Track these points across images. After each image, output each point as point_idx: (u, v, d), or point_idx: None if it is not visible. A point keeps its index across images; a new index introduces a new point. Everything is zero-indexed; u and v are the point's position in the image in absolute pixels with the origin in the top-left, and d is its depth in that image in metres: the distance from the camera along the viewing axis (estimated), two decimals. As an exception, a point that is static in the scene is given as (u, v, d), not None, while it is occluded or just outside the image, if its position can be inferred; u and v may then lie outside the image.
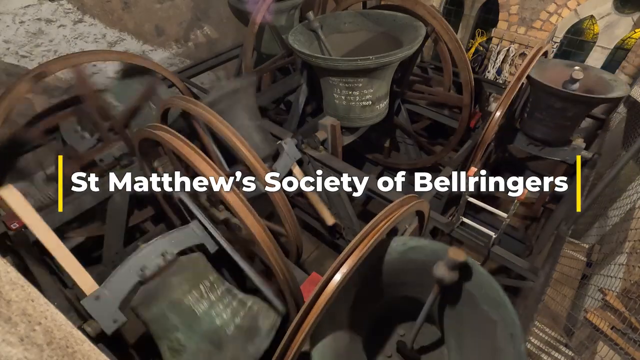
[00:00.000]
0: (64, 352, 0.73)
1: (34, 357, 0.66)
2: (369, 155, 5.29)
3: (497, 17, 5.53)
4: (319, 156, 3.18)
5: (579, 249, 3.84)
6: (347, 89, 3.31)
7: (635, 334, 2.76)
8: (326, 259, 4.58)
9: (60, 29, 3.55)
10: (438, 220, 2.96)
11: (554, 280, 3.11)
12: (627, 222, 3.41)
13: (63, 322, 0.77)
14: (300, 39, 3.46)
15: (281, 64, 4.61)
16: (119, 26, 3.99)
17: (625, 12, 4.80)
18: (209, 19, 4.92)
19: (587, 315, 3.05)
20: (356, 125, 3.65)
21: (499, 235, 2.78)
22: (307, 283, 2.37)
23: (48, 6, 3.40)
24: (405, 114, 4.74)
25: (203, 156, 2.00)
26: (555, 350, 3.02)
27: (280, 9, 4.44)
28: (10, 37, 3.26)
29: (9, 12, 3.20)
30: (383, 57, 2.95)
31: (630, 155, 2.58)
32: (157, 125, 2.26)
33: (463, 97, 3.99)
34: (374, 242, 1.56)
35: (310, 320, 1.45)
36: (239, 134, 2.33)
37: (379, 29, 3.62)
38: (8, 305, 0.70)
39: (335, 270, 1.51)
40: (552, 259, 2.69)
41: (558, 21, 5.08)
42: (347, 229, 3.54)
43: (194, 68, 4.52)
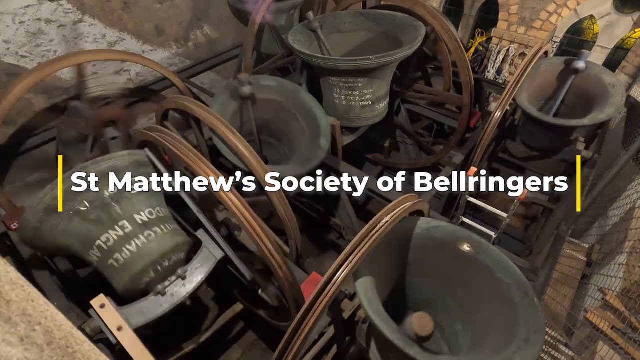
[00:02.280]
0: (64, 352, 0.73)
1: (34, 357, 0.66)
2: (369, 155, 5.29)
3: (497, 17, 5.53)
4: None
5: (579, 249, 3.84)
6: (347, 89, 3.31)
7: (635, 333, 2.76)
8: (326, 259, 4.58)
9: (60, 29, 3.55)
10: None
11: (554, 280, 3.11)
12: (627, 222, 3.41)
13: (63, 322, 0.77)
14: (300, 39, 3.46)
15: (281, 64, 4.61)
16: (119, 26, 3.99)
17: (625, 12, 4.80)
18: (209, 19, 4.91)
19: (587, 315, 3.05)
20: (356, 125, 3.65)
21: (499, 235, 2.78)
22: (307, 283, 2.37)
23: (48, 6, 3.40)
24: (405, 114, 4.74)
25: (200, 156, 2.01)
26: (555, 350, 3.02)
27: (280, 9, 4.44)
28: (10, 37, 3.26)
29: (9, 12, 3.20)
30: (383, 57, 2.95)
31: (630, 155, 2.59)
32: (155, 127, 2.27)
33: (463, 97, 3.99)
34: (374, 242, 1.56)
35: (311, 320, 1.45)
36: (238, 134, 2.33)
37: (379, 29, 3.62)
38: (8, 305, 0.70)
39: (335, 271, 1.51)
40: (552, 259, 2.70)
41: (558, 21, 5.08)
42: (347, 229, 3.54)
43: (194, 68, 4.52)
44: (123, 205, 2.10)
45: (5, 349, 0.62)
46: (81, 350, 0.77)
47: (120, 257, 2.06)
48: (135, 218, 2.12)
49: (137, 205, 2.15)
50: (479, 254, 1.87)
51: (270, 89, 3.14)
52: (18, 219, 2.53)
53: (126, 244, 2.07)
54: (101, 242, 2.04)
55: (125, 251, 2.06)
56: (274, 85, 3.15)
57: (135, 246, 2.08)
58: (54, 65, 2.75)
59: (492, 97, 5.59)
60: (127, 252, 2.06)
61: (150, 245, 2.11)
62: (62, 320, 0.77)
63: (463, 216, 3.05)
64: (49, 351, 0.70)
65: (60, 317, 0.78)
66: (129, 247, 2.07)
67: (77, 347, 0.76)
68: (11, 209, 2.87)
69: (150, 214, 2.19)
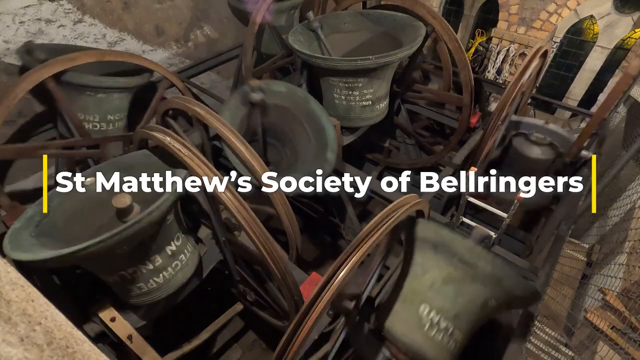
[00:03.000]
0: (64, 352, 0.73)
1: (34, 357, 0.66)
2: (369, 155, 5.28)
3: (497, 17, 5.53)
4: (319, 156, 3.17)
5: (579, 249, 3.84)
6: (347, 89, 3.31)
7: (635, 333, 2.76)
8: (326, 259, 4.58)
9: (60, 29, 3.55)
10: (438, 220, 2.97)
11: (554, 280, 3.11)
12: (627, 222, 3.41)
13: (63, 322, 0.77)
14: (300, 39, 3.46)
15: (281, 64, 4.61)
16: (119, 26, 3.98)
17: (625, 12, 4.80)
18: (209, 19, 4.91)
19: (587, 315, 3.04)
20: (356, 125, 3.65)
21: (499, 235, 2.78)
22: (307, 283, 2.37)
23: (48, 6, 3.40)
24: (405, 114, 4.74)
25: (200, 156, 2.00)
26: (555, 350, 3.02)
27: (280, 9, 4.44)
28: (10, 37, 3.26)
29: (9, 12, 3.20)
30: (383, 57, 2.95)
31: (630, 155, 2.58)
32: (154, 127, 2.26)
33: (463, 97, 3.99)
34: (374, 242, 1.56)
35: (311, 320, 1.45)
36: (238, 133, 2.33)
37: (379, 29, 3.62)
38: (8, 305, 0.70)
39: (335, 270, 1.51)
40: (552, 259, 2.69)
41: (558, 21, 5.08)
42: (347, 229, 3.54)
43: (194, 68, 4.51)
44: (158, 240, 1.96)
45: (5, 349, 0.62)
46: (81, 350, 0.77)
47: (145, 287, 1.99)
48: (166, 250, 2.02)
49: (169, 234, 2.03)
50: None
51: (280, 94, 3.14)
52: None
53: (154, 276, 1.99)
54: (126, 272, 1.92)
55: (152, 282, 2.00)
56: (284, 91, 3.16)
57: (162, 278, 2.02)
58: (54, 66, 2.75)
59: (492, 97, 5.59)
60: (153, 283, 2.00)
61: (176, 276, 2.08)
62: (62, 320, 0.77)
63: (463, 216, 3.05)
64: (49, 351, 0.70)
65: (60, 317, 0.77)
66: (156, 280, 2.00)
67: (77, 347, 0.76)
68: (11, 209, 2.87)
69: (177, 239, 2.09)
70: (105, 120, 3.23)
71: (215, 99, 4.14)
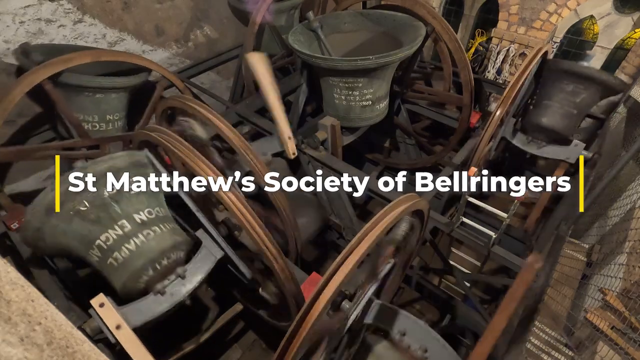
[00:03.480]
0: (64, 352, 0.73)
1: (34, 357, 0.66)
2: (369, 155, 5.29)
3: (497, 17, 5.53)
4: (319, 156, 3.18)
5: (579, 249, 3.84)
6: (347, 89, 3.31)
7: (636, 334, 2.75)
8: (326, 259, 4.58)
9: (60, 29, 3.55)
10: (438, 220, 2.97)
11: (554, 280, 3.10)
12: (627, 222, 3.40)
13: (63, 322, 0.77)
14: (300, 39, 3.46)
15: (281, 64, 4.61)
16: (119, 26, 3.99)
17: (625, 12, 4.80)
18: (209, 19, 4.92)
19: (587, 315, 3.04)
20: (356, 125, 3.65)
21: (499, 235, 2.78)
22: (307, 283, 2.37)
23: (48, 6, 3.40)
24: (405, 114, 4.74)
25: (200, 156, 2.01)
26: (555, 350, 3.01)
27: (280, 9, 4.44)
28: (10, 37, 3.26)
29: (9, 12, 3.20)
30: (383, 57, 2.95)
31: (630, 155, 2.58)
32: (155, 127, 2.27)
33: (463, 97, 3.99)
34: (373, 241, 1.56)
35: (311, 320, 1.45)
36: (238, 133, 2.33)
37: (379, 29, 3.62)
38: (8, 305, 0.70)
39: (335, 270, 1.51)
40: (552, 259, 2.70)
41: (558, 21, 5.07)
42: (347, 229, 3.54)
43: (194, 68, 4.51)
44: (122, 205, 2.12)
45: (5, 349, 0.62)
46: (81, 350, 0.77)
47: (120, 256, 2.07)
48: (134, 217, 2.13)
49: (136, 205, 2.17)
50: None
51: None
52: (18, 219, 2.53)
53: (125, 242, 2.08)
54: (101, 241, 2.06)
55: (125, 250, 2.07)
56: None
57: (134, 245, 2.09)
58: (50, 68, 2.74)
59: (492, 97, 5.59)
60: (126, 250, 2.08)
61: (149, 243, 2.12)
62: (62, 320, 0.77)
63: (463, 216, 3.05)
64: (49, 351, 0.69)
65: (60, 317, 0.77)
66: (128, 246, 2.08)
67: (77, 347, 0.76)
68: (11, 209, 2.87)
69: (149, 213, 2.20)
70: (105, 120, 3.25)
71: (215, 99, 4.14)
